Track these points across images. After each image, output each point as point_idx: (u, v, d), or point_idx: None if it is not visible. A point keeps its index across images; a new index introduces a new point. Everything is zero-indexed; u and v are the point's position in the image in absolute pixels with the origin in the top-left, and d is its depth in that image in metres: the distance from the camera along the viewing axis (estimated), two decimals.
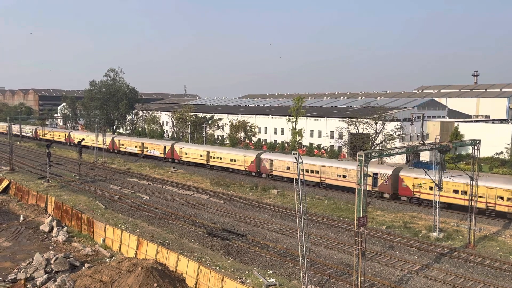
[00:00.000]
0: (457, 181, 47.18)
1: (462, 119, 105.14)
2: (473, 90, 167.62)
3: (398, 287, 29.82)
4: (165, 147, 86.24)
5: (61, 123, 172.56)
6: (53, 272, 33.38)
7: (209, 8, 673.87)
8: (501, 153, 78.81)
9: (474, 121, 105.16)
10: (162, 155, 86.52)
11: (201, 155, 78.76)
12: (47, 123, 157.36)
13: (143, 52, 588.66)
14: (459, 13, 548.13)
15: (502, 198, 44.85)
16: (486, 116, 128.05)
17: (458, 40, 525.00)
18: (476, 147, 38.40)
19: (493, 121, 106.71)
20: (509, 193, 44.53)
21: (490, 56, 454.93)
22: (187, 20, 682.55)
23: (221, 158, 74.92)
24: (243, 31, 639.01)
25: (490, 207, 45.66)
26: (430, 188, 47.27)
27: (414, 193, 51.64)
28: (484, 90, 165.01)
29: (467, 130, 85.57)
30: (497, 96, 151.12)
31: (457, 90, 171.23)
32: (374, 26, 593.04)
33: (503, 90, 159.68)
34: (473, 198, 38.43)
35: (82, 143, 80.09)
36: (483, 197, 45.20)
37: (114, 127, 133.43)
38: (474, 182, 38.32)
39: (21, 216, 50.08)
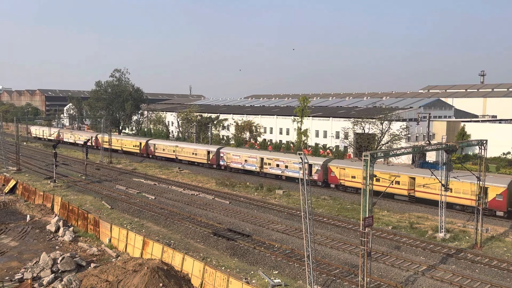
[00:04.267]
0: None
1: (469, 119, 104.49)
2: (479, 90, 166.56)
3: None
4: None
5: (68, 124, 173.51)
6: (59, 271, 33.53)
7: (214, 8, 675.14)
8: (508, 153, 78.24)
9: (481, 121, 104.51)
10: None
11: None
12: (54, 123, 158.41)
13: (149, 52, 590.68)
14: (466, 12, 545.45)
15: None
16: (493, 116, 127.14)
17: (464, 39, 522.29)
18: (483, 147, 38.15)
19: (500, 121, 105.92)
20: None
21: (497, 55, 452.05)
22: (192, 20, 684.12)
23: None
24: (248, 31, 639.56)
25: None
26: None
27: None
28: (491, 89, 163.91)
29: (474, 130, 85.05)
30: (504, 96, 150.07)
31: (464, 90, 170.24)
32: (380, 26, 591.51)
33: (510, 89, 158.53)
34: (479, 198, 38.19)
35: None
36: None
37: (120, 128, 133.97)
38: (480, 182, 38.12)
39: (28, 216, 50.36)
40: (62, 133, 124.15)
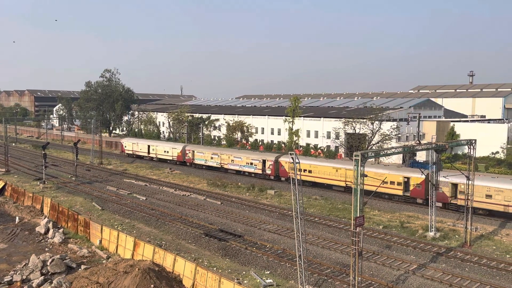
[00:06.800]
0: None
1: (458, 119, 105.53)
2: (469, 90, 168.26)
3: (395, 287, 29.88)
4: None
5: (57, 124, 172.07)
6: (49, 274, 33.27)
7: (206, 8, 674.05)
8: (497, 152, 79.10)
9: (470, 121, 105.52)
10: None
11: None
12: (43, 124, 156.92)
13: (140, 53, 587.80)
14: (455, 13, 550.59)
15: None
16: (482, 116, 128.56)
17: (454, 40, 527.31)
18: (472, 147, 38.52)
19: (489, 120, 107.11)
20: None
21: (485, 56, 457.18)
22: (185, 20, 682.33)
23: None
24: (240, 32, 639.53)
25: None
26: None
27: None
28: (479, 90, 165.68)
29: (463, 130, 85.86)
30: (493, 96, 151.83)
31: (453, 90, 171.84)
32: (370, 27, 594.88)
33: (498, 90, 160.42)
34: (469, 197, 38.55)
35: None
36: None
37: (111, 128, 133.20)
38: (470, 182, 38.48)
39: (17, 217, 49.89)
40: (190, 151, 80.00)
